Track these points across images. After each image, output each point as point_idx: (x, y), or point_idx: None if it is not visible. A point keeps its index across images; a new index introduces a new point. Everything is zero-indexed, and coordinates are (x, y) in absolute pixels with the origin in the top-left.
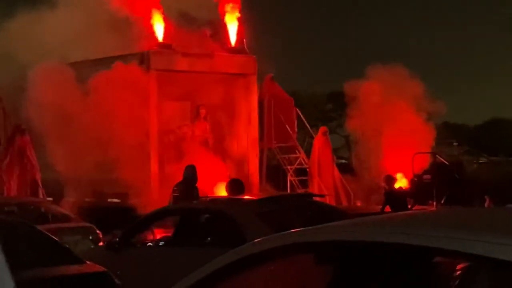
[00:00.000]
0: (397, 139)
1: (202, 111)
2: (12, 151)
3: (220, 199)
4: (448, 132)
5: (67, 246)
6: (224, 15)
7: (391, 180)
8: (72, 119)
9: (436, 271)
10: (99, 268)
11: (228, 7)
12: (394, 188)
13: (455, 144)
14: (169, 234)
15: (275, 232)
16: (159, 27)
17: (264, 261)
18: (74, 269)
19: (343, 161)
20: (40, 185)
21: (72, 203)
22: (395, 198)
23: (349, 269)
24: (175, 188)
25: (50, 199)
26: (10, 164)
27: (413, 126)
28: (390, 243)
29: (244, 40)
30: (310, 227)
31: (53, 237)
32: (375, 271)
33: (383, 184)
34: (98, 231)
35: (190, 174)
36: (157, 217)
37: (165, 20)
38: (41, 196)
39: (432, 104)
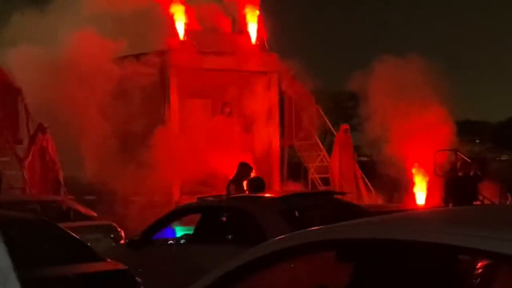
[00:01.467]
0: (417, 136)
1: (227, 109)
2: (34, 150)
3: (241, 197)
4: (469, 130)
5: (88, 244)
6: (243, 12)
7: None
8: (91, 119)
9: (458, 269)
10: (120, 265)
11: (248, 5)
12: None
13: (477, 141)
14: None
15: (296, 230)
16: (179, 25)
17: (285, 258)
18: (95, 266)
19: (365, 158)
20: (62, 183)
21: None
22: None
23: (369, 267)
24: (231, 186)
25: (72, 197)
26: (32, 163)
27: (434, 122)
28: (411, 240)
29: (265, 38)
30: (331, 225)
31: (74, 235)
32: (396, 270)
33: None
34: (119, 229)
35: (243, 172)
36: (178, 214)
37: (186, 17)
38: (63, 194)
39: (453, 100)
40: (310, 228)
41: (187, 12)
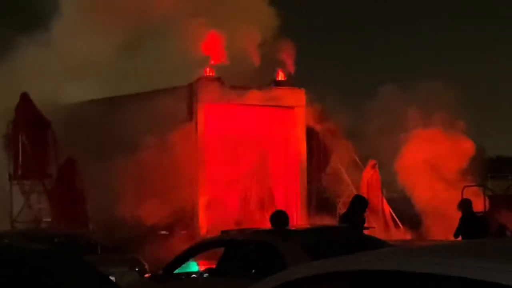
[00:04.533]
0: (442, 172)
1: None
2: (62, 183)
3: (264, 230)
4: (502, 166)
5: (112, 277)
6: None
7: (467, 204)
8: (116, 154)
9: None
10: None
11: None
12: (471, 212)
13: (510, 177)
14: (213, 266)
15: None
16: (208, 59)
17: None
18: None
19: (395, 194)
20: (90, 217)
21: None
22: (472, 224)
23: None
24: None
25: (99, 230)
26: (60, 196)
27: (462, 158)
28: (420, 273)
29: (292, 72)
30: (343, 257)
31: (96, 267)
32: None
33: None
34: (144, 263)
35: (358, 204)
36: (201, 248)
37: (214, 52)
38: (90, 228)
39: (486, 135)
40: (322, 260)
41: (216, 46)
